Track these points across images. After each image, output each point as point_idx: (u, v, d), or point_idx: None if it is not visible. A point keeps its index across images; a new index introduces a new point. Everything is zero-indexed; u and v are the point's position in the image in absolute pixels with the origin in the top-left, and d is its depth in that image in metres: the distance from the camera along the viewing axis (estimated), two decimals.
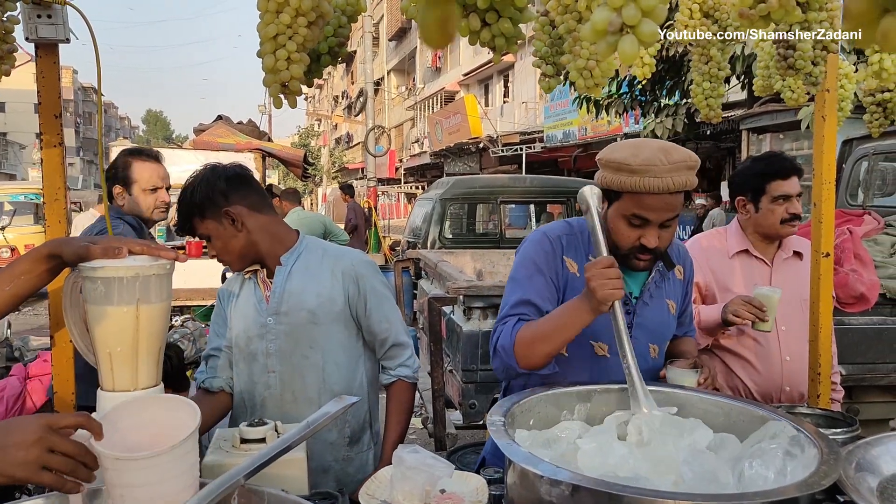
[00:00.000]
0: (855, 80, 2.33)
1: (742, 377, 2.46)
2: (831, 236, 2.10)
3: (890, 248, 3.76)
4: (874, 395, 3.50)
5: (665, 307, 1.88)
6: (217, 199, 1.90)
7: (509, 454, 1.27)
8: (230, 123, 7.61)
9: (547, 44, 1.56)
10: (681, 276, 1.94)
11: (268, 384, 1.94)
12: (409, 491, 1.37)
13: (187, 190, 1.92)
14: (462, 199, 8.07)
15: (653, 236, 1.69)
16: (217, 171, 1.95)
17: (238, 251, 1.93)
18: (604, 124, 17.15)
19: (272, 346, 1.94)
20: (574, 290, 1.74)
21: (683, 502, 1.12)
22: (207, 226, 1.91)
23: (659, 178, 1.62)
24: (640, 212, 1.67)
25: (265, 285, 1.99)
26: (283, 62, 1.27)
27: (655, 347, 1.87)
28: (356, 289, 1.96)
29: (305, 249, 2.00)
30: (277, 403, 1.93)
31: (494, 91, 26.95)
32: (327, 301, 1.94)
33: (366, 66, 21.47)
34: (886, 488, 1.34)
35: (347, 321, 1.98)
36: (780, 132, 9.78)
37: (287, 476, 1.39)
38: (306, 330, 1.93)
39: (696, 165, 1.69)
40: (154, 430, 1.15)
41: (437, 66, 30.90)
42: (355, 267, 1.98)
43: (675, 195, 1.66)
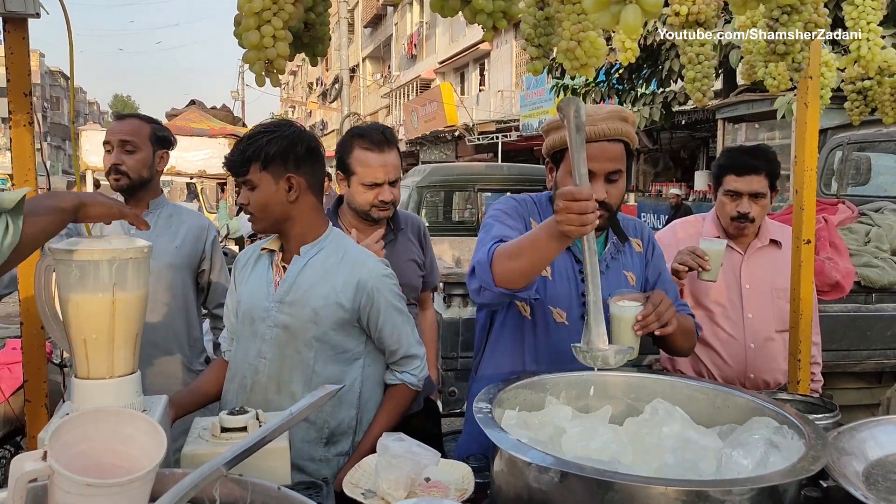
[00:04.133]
0: (835, 68, 2.33)
1: (707, 363, 2.48)
2: (812, 223, 2.11)
3: (864, 237, 3.80)
4: (848, 381, 3.55)
5: (623, 279, 1.92)
6: (289, 160, 1.84)
7: (497, 441, 1.25)
8: (203, 109, 7.48)
9: (531, 25, 1.53)
10: (639, 248, 1.98)
11: (257, 369, 1.90)
12: (395, 479, 1.35)
13: (264, 135, 1.84)
14: (439, 187, 8.03)
15: (600, 189, 1.76)
16: (302, 136, 1.89)
17: (275, 216, 1.87)
18: None
19: (269, 333, 1.89)
20: None
21: (672, 488, 1.11)
22: (262, 177, 1.83)
23: (594, 126, 1.73)
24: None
25: (278, 269, 1.93)
26: (270, 39, 1.23)
27: None
28: (369, 302, 1.90)
29: (328, 245, 1.94)
30: (262, 390, 1.89)
31: (470, 79, 26.88)
32: (334, 305, 1.87)
33: (341, 53, 21.27)
34: (872, 473, 1.35)
35: (351, 328, 1.92)
36: (756, 122, 9.87)
37: (269, 466, 1.36)
38: (305, 327, 1.87)
39: (628, 117, 1.80)
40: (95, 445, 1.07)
41: (413, 53, 30.74)
42: (372, 279, 1.91)
43: (613, 144, 1.77)
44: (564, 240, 1.54)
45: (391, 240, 2.44)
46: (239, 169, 1.84)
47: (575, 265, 1.89)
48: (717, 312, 2.48)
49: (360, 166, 2.34)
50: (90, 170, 6.92)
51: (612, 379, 1.67)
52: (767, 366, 2.45)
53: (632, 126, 1.82)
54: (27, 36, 1.67)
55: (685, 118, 13.10)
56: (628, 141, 1.81)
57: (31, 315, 1.70)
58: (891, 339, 3.49)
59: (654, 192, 16.83)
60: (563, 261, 1.90)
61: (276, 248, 1.95)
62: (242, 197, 1.87)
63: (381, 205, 2.35)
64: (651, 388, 1.62)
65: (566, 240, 1.54)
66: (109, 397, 1.31)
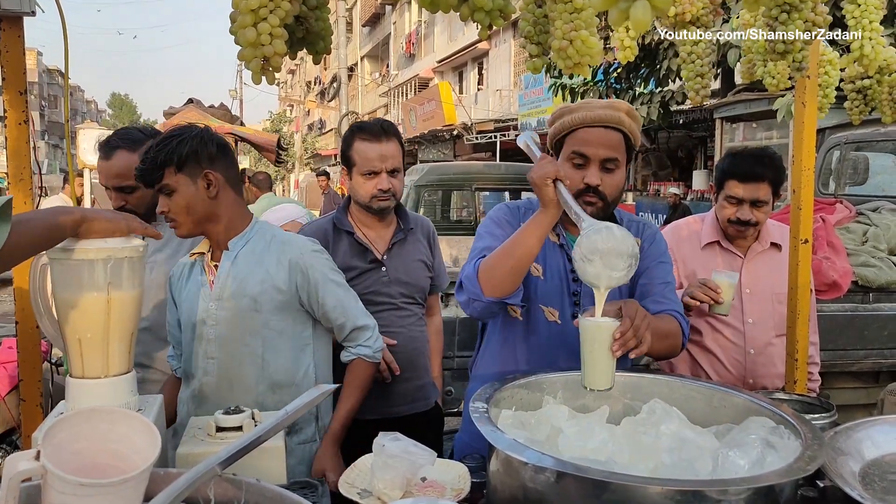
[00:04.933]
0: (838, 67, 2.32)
1: (706, 368, 2.45)
2: (810, 223, 2.11)
3: (862, 237, 3.80)
4: (845, 381, 3.55)
5: None
6: (203, 158, 1.85)
7: (493, 441, 1.25)
8: (201, 107, 7.46)
9: (531, 22, 1.52)
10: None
11: (206, 370, 1.90)
12: (391, 479, 1.35)
13: (173, 139, 1.84)
14: (437, 186, 8.03)
15: (594, 174, 1.79)
16: (211, 134, 1.91)
17: (199, 216, 1.87)
18: None
19: (213, 333, 1.89)
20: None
21: (669, 488, 1.11)
22: (178, 179, 1.83)
23: (592, 111, 1.79)
24: (579, 148, 1.80)
25: (210, 270, 1.94)
26: (267, 36, 1.22)
27: None
28: (305, 279, 1.92)
29: (255, 235, 1.96)
30: (214, 391, 1.89)
31: (469, 78, 26.86)
32: (271, 289, 1.89)
33: (339, 52, 21.26)
34: (868, 473, 1.35)
35: (294, 310, 1.94)
36: (754, 121, 9.87)
37: (265, 465, 1.36)
38: (247, 317, 1.88)
39: (631, 111, 1.82)
40: (89, 444, 1.06)
41: (411, 52, 30.70)
42: (303, 256, 1.94)
43: (609, 131, 1.79)
44: (546, 209, 1.63)
45: (401, 238, 2.45)
46: (153, 175, 1.84)
47: (567, 264, 1.88)
48: (718, 318, 2.43)
49: (358, 156, 2.37)
50: (87, 168, 6.90)
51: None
52: (767, 371, 2.43)
53: (633, 121, 1.82)
54: (23, 34, 1.67)
55: (683, 117, 13.10)
56: (627, 133, 1.81)
57: (26, 314, 1.70)
58: (888, 339, 3.49)
59: (652, 192, 16.83)
60: (556, 260, 1.90)
61: (205, 251, 1.95)
62: (161, 205, 1.87)
63: (381, 194, 2.34)
64: (648, 387, 1.62)
65: (547, 208, 1.62)
66: (104, 396, 1.31)
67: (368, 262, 2.37)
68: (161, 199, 1.87)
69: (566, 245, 1.89)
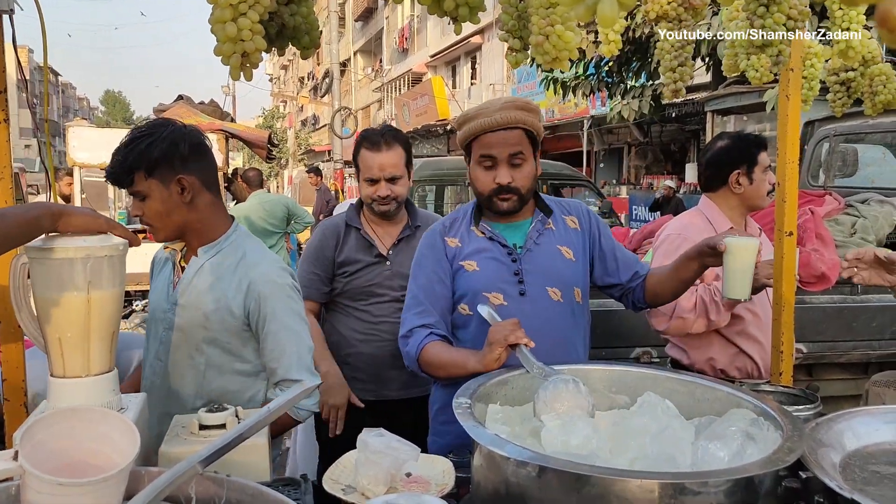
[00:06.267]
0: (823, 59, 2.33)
1: (753, 356, 2.47)
2: (794, 215, 2.11)
3: (850, 228, 3.81)
4: (834, 372, 3.56)
5: (556, 253, 2.00)
6: (175, 162, 1.74)
7: (475, 436, 1.26)
8: (192, 104, 7.43)
9: (514, 17, 1.52)
10: (574, 225, 2.07)
11: (154, 370, 1.87)
12: (374, 475, 1.35)
13: (142, 139, 1.72)
14: (430, 181, 8.01)
15: (504, 173, 1.91)
16: (182, 134, 1.78)
17: (176, 223, 1.79)
18: (571, 106, 17.22)
19: (165, 336, 1.85)
20: (461, 256, 1.98)
21: (648, 481, 1.11)
22: (150, 185, 1.73)
23: (489, 116, 1.90)
24: (484, 151, 1.92)
25: (177, 270, 1.90)
26: (248, 32, 1.22)
27: (556, 291, 1.97)
28: (257, 308, 1.81)
29: (228, 247, 1.86)
30: (157, 393, 1.84)
31: (462, 73, 26.83)
32: (224, 310, 1.80)
33: (331, 47, 21.19)
34: (849, 464, 1.35)
35: (242, 335, 1.84)
36: (744, 114, 9.89)
37: (248, 462, 1.36)
38: (196, 332, 1.82)
39: (526, 106, 1.93)
40: (68, 444, 1.05)
41: (404, 47, 30.64)
42: (263, 284, 1.81)
43: (510, 131, 1.90)
44: (481, 366, 1.70)
45: (408, 235, 2.59)
46: (123, 180, 1.74)
47: (501, 249, 1.98)
48: (754, 303, 2.42)
49: (362, 164, 2.55)
50: (77, 166, 6.87)
51: (595, 372, 1.67)
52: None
53: (532, 114, 1.92)
54: (2, 32, 1.65)
55: (675, 111, 13.12)
56: (528, 128, 1.91)
57: (7, 312, 1.69)
58: (876, 331, 3.50)
59: (644, 185, 16.87)
60: (489, 251, 1.98)
61: (177, 248, 1.91)
62: (135, 209, 1.79)
63: (379, 199, 2.53)
64: (633, 380, 1.63)
65: (482, 366, 1.69)
66: (85, 396, 1.30)
67: (374, 256, 2.55)
68: (135, 202, 1.78)
69: (495, 236, 1.99)
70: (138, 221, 1.86)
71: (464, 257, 1.98)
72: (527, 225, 2.02)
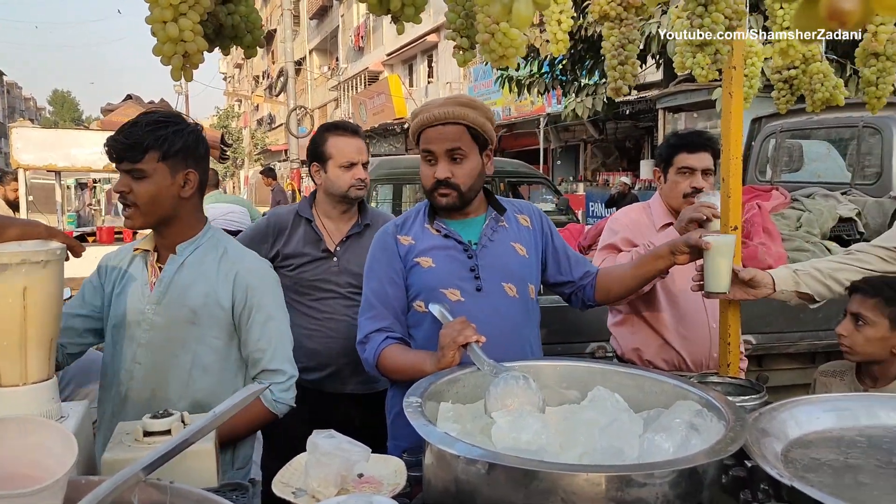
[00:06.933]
0: (763, 58, 2.38)
1: (677, 348, 2.52)
2: (739, 210, 2.16)
3: (796, 222, 3.91)
4: (782, 362, 3.65)
5: (510, 250, 2.02)
6: (191, 156, 1.81)
7: (425, 435, 1.26)
8: (141, 103, 7.26)
9: (461, 15, 1.52)
10: (527, 223, 2.10)
11: (131, 375, 1.83)
12: (324, 477, 1.34)
13: (167, 125, 1.78)
14: (387, 180, 8.00)
15: (443, 168, 1.93)
16: (201, 136, 1.87)
17: (163, 211, 1.80)
18: (527, 104, 17.34)
19: (144, 337, 1.82)
20: (414, 253, 1.98)
21: (595, 474, 1.12)
22: (158, 168, 1.76)
23: (429, 112, 1.92)
24: (426, 146, 1.95)
25: (153, 270, 1.87)
26: (189, 32, 1.19)
27: (512, 287, 1.98)
28: (244, 299, 1.85)
29: (207, 242, 1.90)
30: (137, 396, 1.82)
31: (419, 71, 26.80)
32: (213, 303, 1.83)
33: (286, 45, 20.96)
34: (791, 452, 1.39)
35: (230, 329, 1.87)
36: (695, 111, 10.08)
37: (195, 468, 1.33)
38: (182, 328, 1.82)
39: (470, 103, 1.94)
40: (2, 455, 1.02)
41: (360, 45, 30.48)
42: (249, 275, 1.88)
43: (448, 126, 1.91)
44: (433, 367, 1.71)
45: (358, 232, 2.58)
46: (133, 155, 1.74)
47: (458, 245, 1.98)
48: (682, 297, 2.51)
49: (335, 150, 2.55)
50: (22, 168, 6.67)
51: (546, 368, 1.69)
52: None
53: (475, 111, 1.92)
54: None
55: (629, 108, 13.31)
56: (469, 124, 1.92)
57: None
58: (822, 321, 3.59)
59: (601, 182, 17.08)
60: (444, 248, 1.98)
61: (150, 248, 1.89)
62: (122, 185, 1.77)
63: (358, 183, 2.55)
64: (583, 376, 1.64)
65: (433, 367, 1.70)
66: (23, 405, 1.26)
67: (321, 251, 2.53)
68: (125, 179, 1.77)
69: (450, 232, 1.99)
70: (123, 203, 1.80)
71: (418, 254, 1.98)
72: (480, 222, 2.03)
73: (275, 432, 2.21)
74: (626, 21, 1.32)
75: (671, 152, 2.57)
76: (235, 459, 1.93)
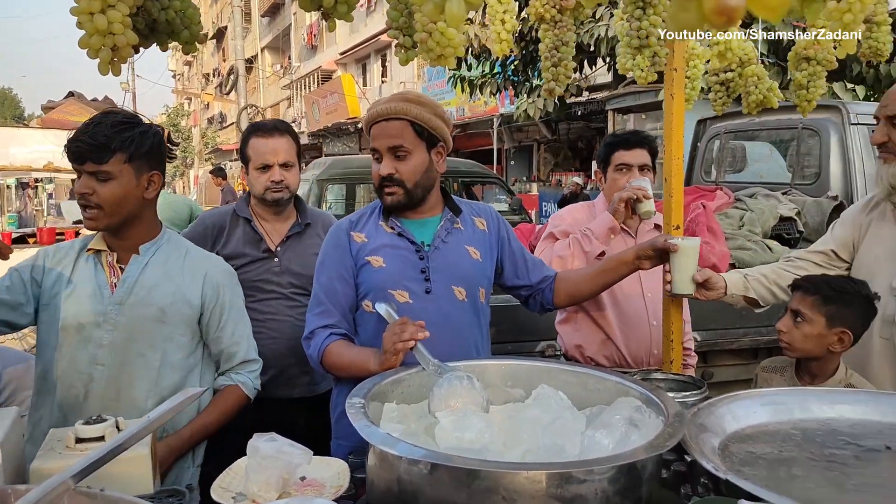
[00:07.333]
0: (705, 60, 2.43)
1: (619, 344, 2.56)
2: (681, 209, 2.20)
3: (739, 221, 4.01)
4: (726, 358, 3.74)
5: (464, 252, 2.01)
6: (154, 157, 1.82)
7: (366, 436, 1.25)
8: (83, 100, 7.05)
9: (404, 14, 1.52)
10: (483, 227, 2.08)
11: (92, 377, 1.80)
12: (265, 481, 1.31)
13: (132, 126, 1.77)
14: (340, 180, 7.92)
15: (386, 165, 1.92)
16: (162, 135, 1.88)
17: (127, 213, 1.80)
18: (481, 105, 17.42)
19: (107, 338, 1.80)
20: (366, 251, 1.96)
21: (536, 472, 1.13)
22: (124, 170, 1.75)
23: (374, 108, 1.93)
24: (372, 144, 1.94)
25: (112, 270, 1.84)
26: (118, 25, 1.16)
27: (462, 290, 1.97)
28: (215, 297, 1.92)
29: (167, 243, 1.92)
30: (99, 399, 1.80)
31: (372, 71, 26.68)
32: (181, 302, 1.86)
33: (236, 43, 20.64)
34: (728, 446, 1.42)
35: (194, 328, 1.91)
36: (643, 112, 10.26)
37: (130, 474, 1.30)
38: (150, 327, 1.82)
39: (415, 99, 1.91)
40: None
41: (313, 44, 30.20)
42: (219, 274, 1.95)
43: (392, 122, 1.89)
44: (378, 367, 1.71)
45: (297, 232, 2.55)
46: (99, 156, 1.73)
47: (410, 246, 1.97)
48: (622, 294, 2.55)
49: (252, 152, 2.51)
50: None
51: (491, 367, 1.69)
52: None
53: (420, 107, 1.90)
54: None
55: (581, 109, 13.47)
56: (413, 119, 1.90)
57: None
58: (764, 318, 3.68)
59: (553, 182, 17.25)
60: (394, 248, 1.96)
61: (104, 248, 1.86)
62: (85, 187, 1.75)
63: (274, 185, 2.48)
64: (527, 374, 1.65)
65: (378, 367, 1.70)
66: None
67: (261, 251, 2.49)
68: (87, 180, 1.75)
69: (404, 231, 1.97)
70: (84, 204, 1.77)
71: (369, 252, 1.96)
72: (435, 222, 2.02)
73: (216, 437, 2.17)
74: (561, 23, 1.33)
75: (608, 151, 2.64)
76: (196, 457, 1.94)
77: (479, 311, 2.03)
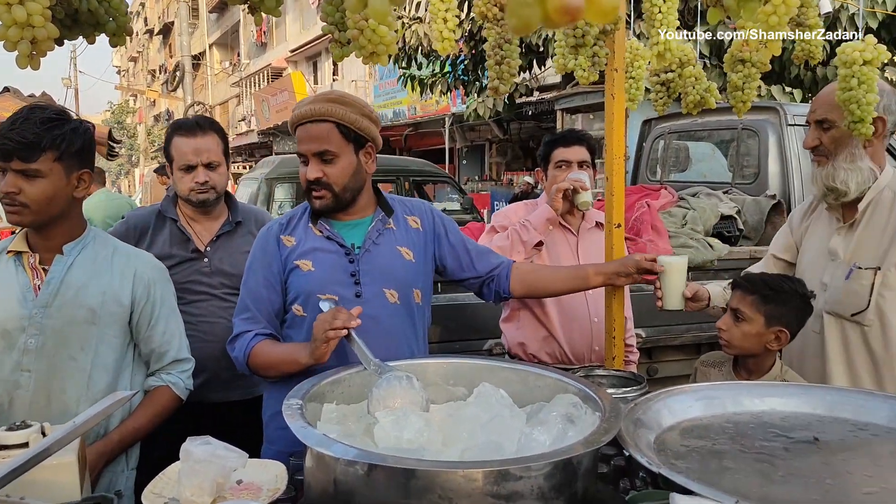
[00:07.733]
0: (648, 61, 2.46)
1: (559, 339, 2.59)
2: (622, 208, 2.23)
3: (682, 220, 4.09)
4: (670, 354, 3.81)
5: (396, 254, 1.97)
6: (85, 157, 1.78)
7: (302, 437, 1.23)
8: (19, 96, 6.80)
9: (339, 9, 1.50)
10: (417, 225, 2.04)
11: (18, 383, 1.74)
12: (199, 485, 1.29)
13: (62, 123, 1.71)
14: (289, 179, 7.81)
15: (312, 169, 1.87)
16: (92, 132, 1.83)
17: (55, 212, 1.75)
18: (433, 104, 17.42)
19: (33, 343, 1.73)
20: (295, 255, 1.91)
21: (472, 470, 1.13)
22: (53, 168, 1.70)
23: (298, 110, 1.89)
24: (298, 148, 1.90)
25: (35, 272, 1.77)
26: (39, 17, 1.11)
27: (394, 293, 1.93)
28: (146, 294, 1.87)
29: (93, 242, 1.86)
30: (26, 405, 1.74)
31: (323, 69, 26.44)
32: (112, 301, 1.81)
33: (182, 39, 20.22)
34: (664, 440, 1.45)
35: (125, 327, 1.86)
36: (591, 112, 10.39)
37: (56, 481, 1.25)
38: (80, 329, 1.76)
39: (339, 99, 1.88)
40: None
41: (263, 41, 29.78)
42: (149, 271, 1.90)
43: (317, 124, 1.85)
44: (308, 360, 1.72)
45: (228, 230, 2.46)
46: (28, 154, 1.67)
47: (340, 249, 1.93)
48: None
49: (175, 151, 2.41)
50: None
51: (431, 366, 1.69)
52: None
53: (345, 107, 1.86)
54: None
55: (532, 109, 13.58)
56: (338, 121, 1.85)
57: None
58: (704, 314, 3.78)
59: (505, 181, 17.36)
60: (327, 251, 1.92)
61: (25, 250, 1.80)
62: (9, 185, 1.69)
63: (198, 187, 2.39)
64: (468, 372, 1.66)
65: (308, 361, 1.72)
66: None
67: (190, 251, 2.40)
68: (13, 178, 1.68)
69: (333, 235, 1.94)
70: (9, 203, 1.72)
71: (298, 256, 1.91)
72: (366, 224, 1.97)
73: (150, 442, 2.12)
74: (503, 21, 1.33)
75: (548, 149, 2.70)
76: (129, 460, 1.90)
77: (413, 313, 1.98)
